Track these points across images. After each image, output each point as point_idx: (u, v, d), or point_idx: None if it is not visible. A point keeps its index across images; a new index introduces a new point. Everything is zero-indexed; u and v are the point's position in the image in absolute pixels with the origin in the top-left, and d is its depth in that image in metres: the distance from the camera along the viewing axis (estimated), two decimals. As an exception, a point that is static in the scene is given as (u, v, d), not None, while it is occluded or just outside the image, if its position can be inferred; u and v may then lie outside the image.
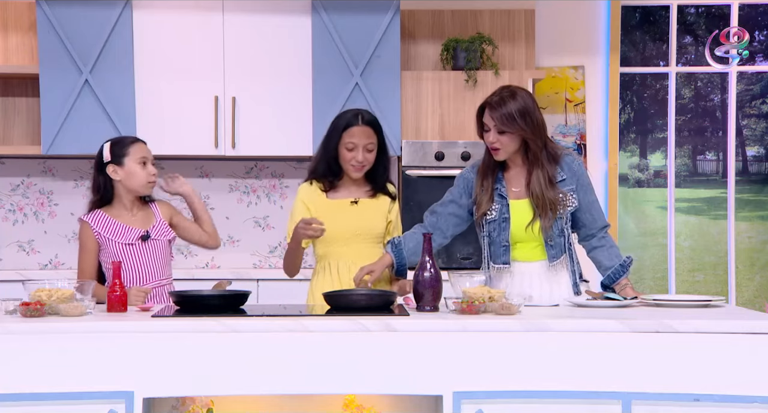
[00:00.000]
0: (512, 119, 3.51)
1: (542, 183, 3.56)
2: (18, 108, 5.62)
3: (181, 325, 3.01)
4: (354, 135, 3.62)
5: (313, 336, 2.97)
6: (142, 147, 3.73)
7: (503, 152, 3.58)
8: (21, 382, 2.89)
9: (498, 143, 3.55)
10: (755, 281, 6.06)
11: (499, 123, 3.52)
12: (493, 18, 5.74)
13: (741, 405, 2.92)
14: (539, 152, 3.57)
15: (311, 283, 3.80)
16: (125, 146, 3.71)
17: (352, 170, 3.65)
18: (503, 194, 3.62)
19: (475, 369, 2.96)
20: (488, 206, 3.62)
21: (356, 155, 3.62)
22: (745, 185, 6.10)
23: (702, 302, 3.43)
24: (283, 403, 3.08)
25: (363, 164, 3.65)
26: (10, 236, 5.67)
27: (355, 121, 3.63)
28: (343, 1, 5.34)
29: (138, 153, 3.70)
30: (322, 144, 3.73)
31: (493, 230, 3.63)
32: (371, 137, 3.64)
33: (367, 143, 3.63)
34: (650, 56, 6.09)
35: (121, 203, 3.74)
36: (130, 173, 3.70)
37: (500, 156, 3.59)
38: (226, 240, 5.72)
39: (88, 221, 3.70)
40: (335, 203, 3.70)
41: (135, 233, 3.69)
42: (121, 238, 3.68)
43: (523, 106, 3.53)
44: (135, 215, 3.74)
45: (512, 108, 3.51)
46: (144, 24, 5.31)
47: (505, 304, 3.11)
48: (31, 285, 3.20)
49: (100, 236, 3.68)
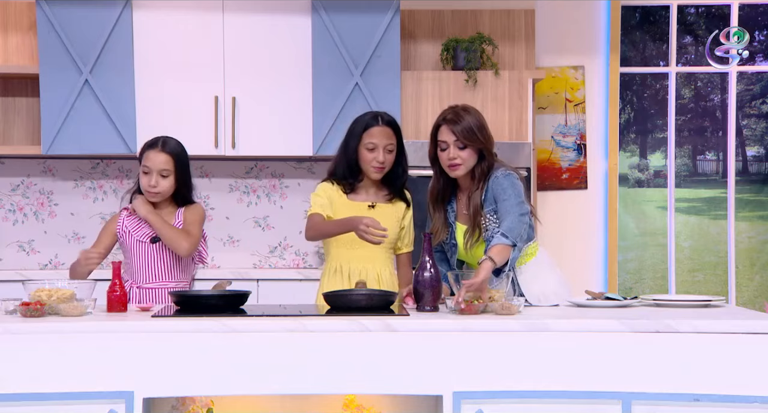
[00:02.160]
0: (472, 132, 3.52)
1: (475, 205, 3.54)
2: (18, 108, 5.62)
3: (181, 325, 3.01)
4: (374, 136, 3.63)
5: (313, 336, 2.97)
6: (150, 156, 3.70)
7: (463, 167, 3.55)
8: (21, 382, 2.89)
9: (459, 159, 3.54)
10: (755, 281, 6.06)
11: (461, 137, 3.51)
12: (493, 18, 5.74)
13: (741, 405, 2.92)
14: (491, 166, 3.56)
15: (321, 283, 3.80)
16: (143, 151, 3.75)
17: (373, 171, 3.66)
18: (451, 221, 3.65)
19: (475, 369, 2.96)
20: (445, 234, 3.64)
21: (377, 156, 3.63)
22: (745, 185, 6.10)
23: (702, 302, 3.43)
24: (283, 403, 3.09)
25: (383, 164, 3.66)
26: (10, 236, 5.67)
27: (375, 122, 3.65)
28: (343, 1, 5.34)
29: (144, 161, 3.71)
30: (341, 146, 3.74)
31: (449, 251, 3.68)
32: (391, 137, 3.66)
33: (387, 144, 3.65)
34: (650, 56, 6.09)
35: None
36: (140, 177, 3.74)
37: (459, 172, 3.57)
38: (227, 240, 5.72)
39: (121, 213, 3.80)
40: (354, 205, 3.70)
41: (148, 232, 3.73)
42: (135, 233, 3.74)
43: (479, 120, 3.56)
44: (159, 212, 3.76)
45: (471, 122, 3.53)
46: (144, 24, 5.31)
47: (505, 304, 3.11)
48: (31, 285, 3.21)
49: (122, 226, 3.75)
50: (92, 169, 5.68)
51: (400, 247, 3.80)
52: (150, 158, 3.69)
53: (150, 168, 3.68)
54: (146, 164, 3.69)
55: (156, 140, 3.76)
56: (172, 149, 3.72)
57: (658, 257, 6.06)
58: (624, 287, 5.98)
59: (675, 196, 6.10)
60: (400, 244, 3.79)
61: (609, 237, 5.88)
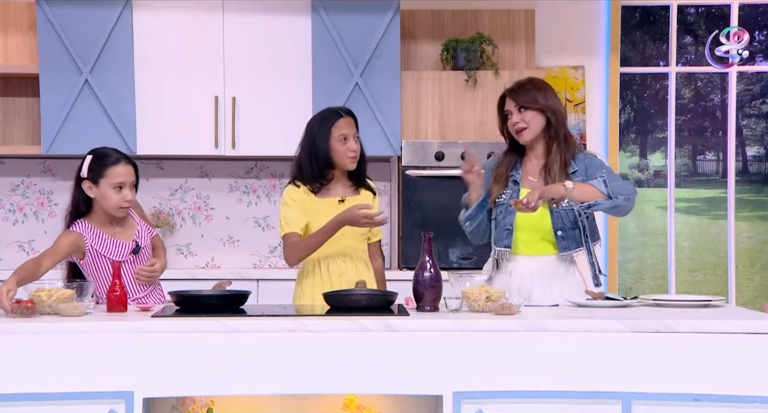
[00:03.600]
0: (533, 95, 3.64)
1: (558, 166, 3.59)
2: (18, 108, 5.62)
3: (181, 325, 3.01)
4: (342, 127, 3.73)
5: (313, 336, 2.97)
6: (120, 171, 3.55)
7: (529, 131, 3.65)
8: (21, 382, 2.89)
9: (522, 123, 3.64)
10: (755, 281, 6.06)
11: (522, 100, 3.63)
12: (493, 18, 5.74)
13: (741, 405, 2.92)
14: (560, 131, 3.63)
15: (300, 283, 3.82)
16: (104, 166, 3.55)
17: (349, 161, 3.75)
18: (517, 180, 3.68)
19: (475, 369, 2.96)
20: (500, 191, 3.67)
21: (350, 145, 3.73)
22: (745, 185, 6.10)
23: (702, 302, 3.43)
24: (283, 403, 3.09)
25: (357, 152, 3.76)
26: (10, 236, 5.67)
27: (339, 115, 3.77)
28: (343, 1, 5.34)
29: (115, 178, 3.54)
30: (305, 147, 3.78)
31: (499, 213, 3.68)
32: (354, 126, 3.78)
33: (355, 133, 3.77)
34: (650, 56, 6.09)
35: (99, 215, 3.62)
36: (102, 194, 3.56)
37: (526, 136, 3.65)
38: (227, 240, 5.72)
39: (80, 233, 3.56)
40: (324, 203, 3.75)
41: (125, 247, 3.61)
42: (114, 255, 3.57)
43: (542, 85, 3.70)
44: (117, 226, 3.64)
45: (531, 87, 3.67)
46: (144, 24, 5.31)
47: (505, 304, 3.11)
48: (31, 285, 3.21)
49: (92, 249, 3.57)
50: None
51: (369, 237, 3.87)
52: (120, 173, 3.54)
53: (124, 182, 3.55)
54: (118, 180, 3.54)
55: (115, 153, 3.61)
56: (132, 160, 3.64)
57: (658, 257, 6.06)
58: (624, 287, 5.98)
59: (675, 196, 6.10)
60: (369, 234, 3.86)
61: (609, 237, 5.88)
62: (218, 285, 3.79)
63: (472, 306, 3.19)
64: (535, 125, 3.64)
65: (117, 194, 3.56)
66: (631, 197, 3.51)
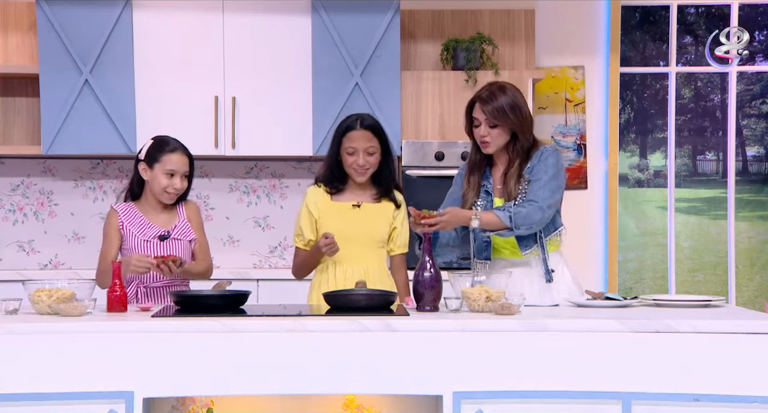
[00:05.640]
0: (503, 112, 3.58)
1: (514, 181, 3.60)
2: (18, 108, 5.62)
3: (181, 325, 3.01)
4: (353, 139, 3.66)
5: (313, 336, 2.97)
6: (175, 159, 3.70)
7: (493, 145, 3.63)
8: (21, 382, 2.89)
9: (488, 137, 3.62)
10: (755, 281, 6.06)
11: (491, 116, 3.59)
12: (493, 18, 5.74)
13: (741, 405, 2.92)
14: (525, 146, 3.62)
15: (313, 281, 3.82)
16: (161, 152, 3.71)
17: (355, 174, 3.70)
18: (489, 191, 3.67)
19: (475, 369, 2.96)
20: (473, 199, 3.67)
21: (357, 160, 3.66)
22: (745, 185, 6.10)
23: (702, 302, 3.43)
24: (283, 403, 3.09)
25: (365, 167, 3.68)
26: (10, 236, 5.67)
27: (354, 125, 3.68)
28: (343, 1, 5.34)
29: (168, 164, 3.69)
30: (329, 150, 3.78)
31: None
32: (371, 140, 3.67)
33: (368, 147, 3.66)
34: (650, 56, 6.09)
35: (148, 199, 3.77)
36: (154, 177, 3.71)
37: (489, 149, 3.65)
38: (227, 240, 5.72)
39: (117, 210, 3.74)
40: (338, 206, 3.74)
41: (155, 231, 3.72)
42: (141, 234, 3.71)
43: (513, 100, 3.61)
44: (160, 213, 3.76)
45: (503, 102, 3.59)
46: (144, 24, 5.31)
47: (505, 304, 3.11)
48: (31, 285, 3.21)
49: (124, 227, 3.71)
50: (92, 169, 5.68)
51: (392, 249, 3.81)
52: (174, 161, 3.69)
53: (176, 171, 3.69)
54: (171, 167, 3.68)
55: (174, 142, 3.76)
56: (189, 151, 3.77)
57: (658, 257, 6.06)
58: (624, 287, 5.98)
59: (675, 196, 6.10)
60: (392, 245, 3.80)
61: (609, 237, 5.88)
62: (218, 285, 3.79)
63: (472, 306, 3.20)
64: (500, 141, 3.63)
65: (167, 180, 3.69)
66: (533, 227, 3.56)
